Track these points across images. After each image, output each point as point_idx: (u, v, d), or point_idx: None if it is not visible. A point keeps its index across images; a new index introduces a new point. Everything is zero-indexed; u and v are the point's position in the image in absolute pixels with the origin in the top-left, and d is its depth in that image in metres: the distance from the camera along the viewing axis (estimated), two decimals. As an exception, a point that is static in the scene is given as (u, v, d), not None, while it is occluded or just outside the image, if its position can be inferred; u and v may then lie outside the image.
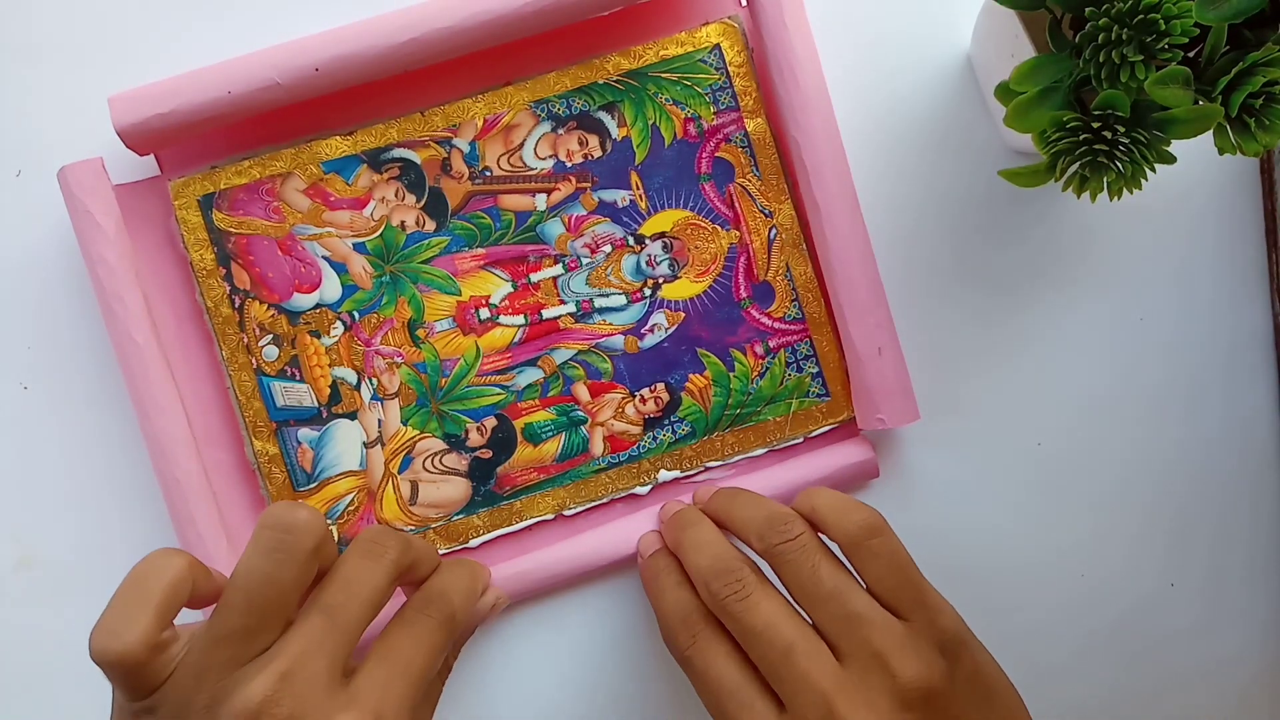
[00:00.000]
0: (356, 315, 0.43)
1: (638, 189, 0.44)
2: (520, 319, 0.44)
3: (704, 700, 0.36)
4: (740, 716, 0.35)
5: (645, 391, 0.44)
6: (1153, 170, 0.34)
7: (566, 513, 0.44)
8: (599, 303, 0.44)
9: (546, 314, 0.44)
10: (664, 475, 0.44)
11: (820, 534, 0.38)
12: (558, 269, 0.44)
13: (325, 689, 0.31)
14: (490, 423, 0.44)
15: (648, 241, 0.44)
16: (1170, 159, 0.34)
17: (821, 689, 0.33)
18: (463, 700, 0.44)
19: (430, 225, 0.43)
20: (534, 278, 0.44)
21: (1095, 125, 0.33)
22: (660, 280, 0.44)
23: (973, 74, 0.45)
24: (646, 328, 0.44)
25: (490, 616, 0.42)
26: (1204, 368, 0.46)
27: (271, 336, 0.43)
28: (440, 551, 0.43)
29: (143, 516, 0.43)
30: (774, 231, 0.44)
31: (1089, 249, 0.45)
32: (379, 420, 0.43)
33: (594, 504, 0.44)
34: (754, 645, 0.35)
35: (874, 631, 0.34)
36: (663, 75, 0.43)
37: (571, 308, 0.44)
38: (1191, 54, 0.34)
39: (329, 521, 0.43)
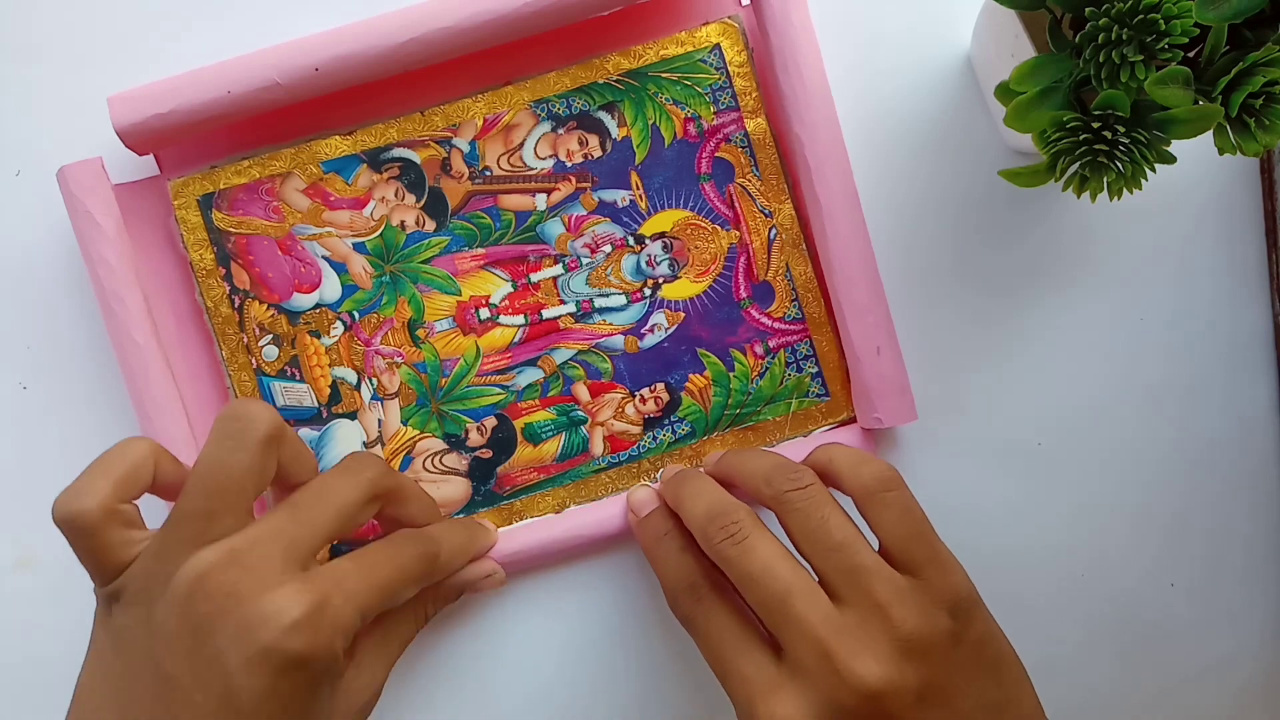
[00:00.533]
0: (356, 315, 0.43)
1: (638, 189, 0.44)
2: (520, 319, 0.44)
3: (706, 656, 0.36)
4: (738, 663, 0.34)
5: (645, 391, 0.44)
6: (1153, 170, 0.34)
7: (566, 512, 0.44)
8: (599, 303, 0.44)
9: (546, 314, 0.44)
10: (664, 475, 0.44)
11: (832, 489, 0.37)
12: (558, 269, 0.44)
13: (276, 569, 0.32)
14: (490, 423, 0.44)
15: (648, 241, 0.44)
16: (1170, 159, 0.34)
17: (819, 633, 0.33)
18: (461, 674, 0.45)
19: (430, 225, 0.43)
20: (534, 278, 0.44)
21: (1095, 125, 0.33)
22: (660, 280, 0.44)
23: (973, 74, 0.45)
24: (646, 328, 0.44)
25: (483, 587, 0.42)
26: (1204, 368, 0.46)
27: (271, 336, 0.43)
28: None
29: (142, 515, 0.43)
30: (774, 231, 0.44)
31: (1089, 249, 0.45)
32: (379, 420, 0.43)
33: (594, 504, 0.44)
34: (751, 589, 0.35)
35: (878, 583, 0.34)
36: (663, 75, 0.43)
37: (571, 308, 0.44)
38: (1191, 54, 0.34)
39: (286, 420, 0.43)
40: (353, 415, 0.43)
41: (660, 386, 0.44)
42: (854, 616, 0.33)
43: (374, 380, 0.43)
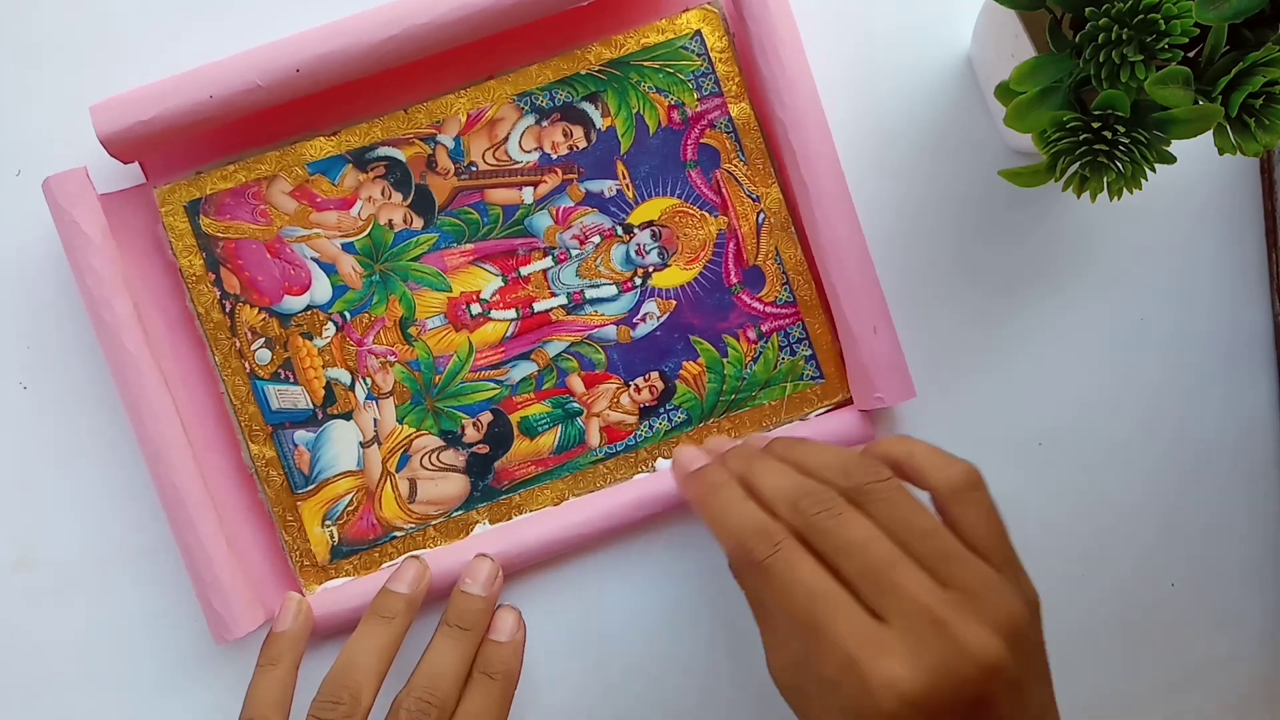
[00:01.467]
0: (348, 315, 0.43)
1: (624, 178, 0.43)
2: (512, 313, 0.44)
3: (784, 606, 0.34)
4: (833, 618, 0.32)
5: (640, 381, 0.44)
6: (1153, 170, 0.33)
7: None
8: (590, 294, 0.44)
9: (538, 307, 0.44)
10: (661, 464, 0.44)
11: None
12: (547, 261, 0.43)
13: None
14: (486, 418, 0.44)
15: (636, 230, 0.43)
16: (1170, 159, 0.33)
17: (927, 602, 0.32)
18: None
19: (418, 222, 0.43)
20: (524, 271, 0.43)
21: (1095, 125, 0.33)
22: (650, 269, 0.44)
23: (973, 74, 0.44)
24: (638, 317, 0.44)
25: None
26: (1204, 368, 0.45)
27: (263, 340, 0.43)
28: (441, 549, 0.44)
29: (142, 517, 0.44)
30: (762, 216, 0.43)
31: (1089, 249, 0.45)
32: (375, 419, 0.44)
33: (593, 495, 0.44)
34: (851, 557, 0.33)
35: (972, 568, 0.33)
36: (645, 63, 0.42)
37: (562, 300, 0.44)
38: (1191, 54, 0.33)
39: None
40: (348, 415, 0.43)
41: (655, 375, 0.44)
42: (956, 595, 0.33)
43: (368, 380, 0.43)
